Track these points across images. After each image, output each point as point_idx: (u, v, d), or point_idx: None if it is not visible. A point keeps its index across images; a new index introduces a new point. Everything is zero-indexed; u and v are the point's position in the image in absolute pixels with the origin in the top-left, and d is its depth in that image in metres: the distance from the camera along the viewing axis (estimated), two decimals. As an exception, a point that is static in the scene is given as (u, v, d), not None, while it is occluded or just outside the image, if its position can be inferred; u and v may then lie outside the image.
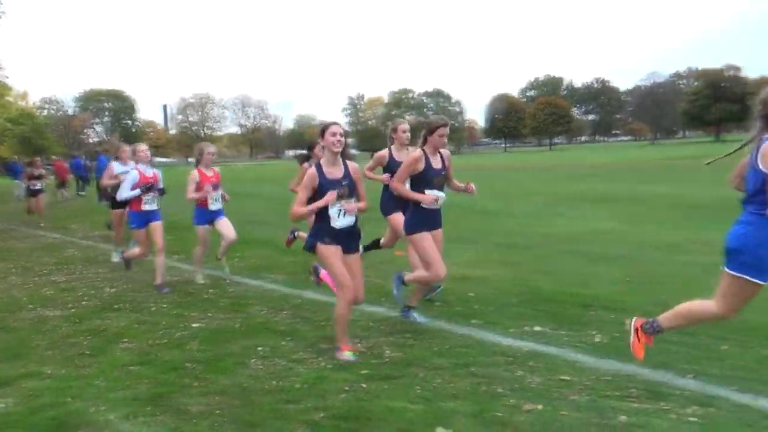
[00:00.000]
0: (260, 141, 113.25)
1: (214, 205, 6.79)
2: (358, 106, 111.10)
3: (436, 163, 4.86)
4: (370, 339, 4.72)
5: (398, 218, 5.63)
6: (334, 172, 4.31)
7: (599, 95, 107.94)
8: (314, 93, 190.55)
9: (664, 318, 3.62)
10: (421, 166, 4.78)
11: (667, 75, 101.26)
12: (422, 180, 4.80)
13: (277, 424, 3.31)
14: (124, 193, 6.64)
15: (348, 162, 4.39)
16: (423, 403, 3.51)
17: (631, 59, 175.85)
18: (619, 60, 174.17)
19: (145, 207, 6.71)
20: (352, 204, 4.33)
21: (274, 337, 4.84)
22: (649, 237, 8.94)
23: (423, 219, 4.82)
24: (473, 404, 3.45)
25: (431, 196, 4.75)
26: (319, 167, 4.29)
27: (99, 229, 12.16)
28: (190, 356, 4.49)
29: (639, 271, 6.62)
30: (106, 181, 8.49)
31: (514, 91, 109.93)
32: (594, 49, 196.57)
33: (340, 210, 4.26)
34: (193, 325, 5.33)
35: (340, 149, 4.26)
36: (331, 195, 4.20)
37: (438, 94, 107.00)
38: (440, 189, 4.88)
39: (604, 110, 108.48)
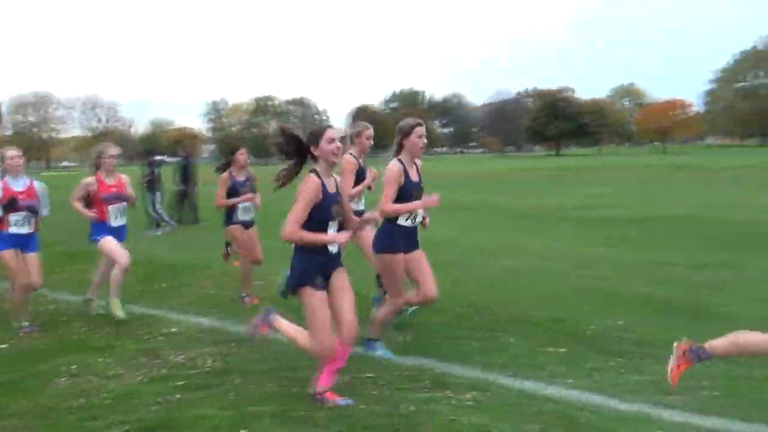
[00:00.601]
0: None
1: (116, 221, 5.67)
2: (222, 112, 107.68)
3: (414, 175, 4.34)
4: (193, 350, 4.76)
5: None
6: (331, 185, 3.63)
7: (455, 109, 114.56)
8: (172, 96, 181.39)
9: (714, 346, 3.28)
10: (402, 179, 4.25)
11: (513, 93, 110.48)
12: (402, 196, 4.24)
13: (78, 440, 3.29)
14: None
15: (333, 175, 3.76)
16: (233, 408, 3.65)
17: (483, 76, 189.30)
18: (472, 76, 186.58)
19: (13, 229, 5.34)
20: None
21: (90, 354, 4.71)
22: (477, 243, 9.84)
23: (397, 237, 4.32)
24: (281, 405, 3.67)
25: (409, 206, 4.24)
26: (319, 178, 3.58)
27: None
28: (-10, 380, 4.23)
29: (459, 275, 7.29)
30: None
31: (376, 103, 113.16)
32: (450, 64, 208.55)
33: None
34: (1, 346, 5.00)
35: (338, 159, 3.68)
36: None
37: (302, 103, 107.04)
38: None
39: (460, 124, 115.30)
